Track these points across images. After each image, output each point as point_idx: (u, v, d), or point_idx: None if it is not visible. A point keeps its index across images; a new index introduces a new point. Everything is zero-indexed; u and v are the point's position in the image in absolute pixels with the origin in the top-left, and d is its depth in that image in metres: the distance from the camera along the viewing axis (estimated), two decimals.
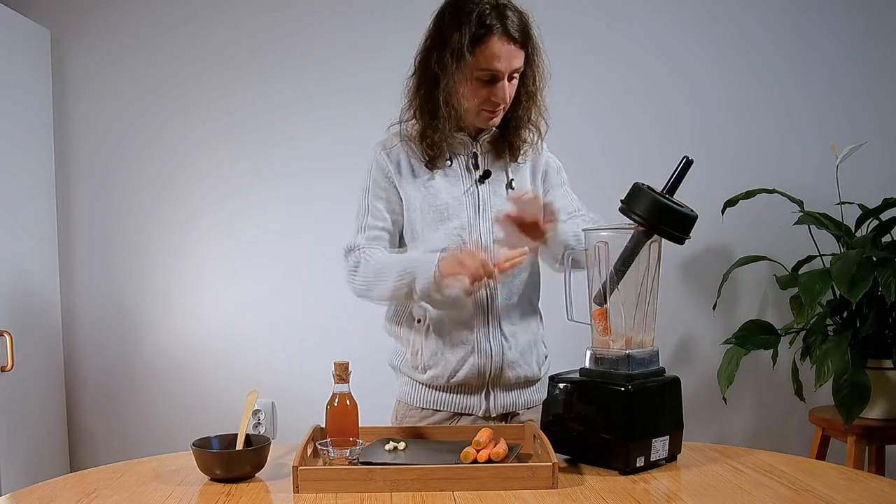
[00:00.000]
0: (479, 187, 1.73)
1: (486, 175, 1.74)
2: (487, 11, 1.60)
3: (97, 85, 2.90)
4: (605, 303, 1.53)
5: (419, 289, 1.63)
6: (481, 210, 1.72)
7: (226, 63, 2.88)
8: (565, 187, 1.85)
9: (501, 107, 1.67)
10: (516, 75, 1.66)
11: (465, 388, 1.74)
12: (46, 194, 2.80)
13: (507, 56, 1.61)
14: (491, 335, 1.72)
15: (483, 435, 1.47)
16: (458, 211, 1.71)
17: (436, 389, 1.76)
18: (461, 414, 1.76)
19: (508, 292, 1.74)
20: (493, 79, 1.63)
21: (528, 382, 1.79)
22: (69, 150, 2.90)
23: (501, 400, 1.76)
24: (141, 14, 2.88)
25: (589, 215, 1.82)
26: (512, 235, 1.63)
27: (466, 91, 1.64)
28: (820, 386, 2.33)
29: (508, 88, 1.65)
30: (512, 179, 1.75)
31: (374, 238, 1.73)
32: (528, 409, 1.80)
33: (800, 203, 2.67)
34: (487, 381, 1.74)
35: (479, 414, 1.75)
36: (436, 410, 1.76)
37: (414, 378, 1.78)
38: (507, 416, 1.79)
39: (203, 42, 2.88)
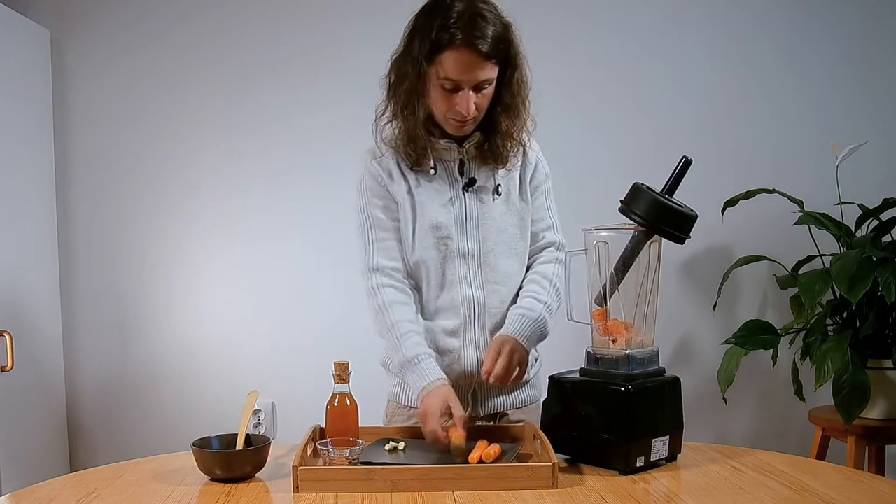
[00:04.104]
0: (465, 195, 1.71)
1: (471, 183, 1.70)
2: (454, 20, 1.54)
3: (97, 85, 2.90)
4: (606, 303, 1.53)
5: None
6: (468, 218, 1.70)
7: (226, 63, 2.88)
8: (548, 198, 1.80)
9: (470, 117, 1.62)
10: (487, 86, 1.61)
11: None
12: (46, 194, 2.80)
13: (471, 67, 1.56)
14: (477, 343, 1.70)
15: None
16: (444, 219, 1.69)
17: None
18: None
19: (497, 300, 1.72)
20: (456, 88, 1.59)
21: (517, 385, 1.77)
22: (69, 150, 2.90)
23: (489, 402, 1.75)
24: (141, 14, 2.88)
25: (557, 255, 1.77)
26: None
27: (434, 98, 1.62)
28: (820, 386, 2.33)
29: (477, 99, 1.60)
30: (499, 185, 1.72)
31: (385, 250, 1.70)
32: (518, 408, 1.79)
33: (800, 203, 2.67)
34: (474, 384, 1.73)
35: (467, 414, 1.74)
36: None
37: (402, 378, 1.77)
38: (495, 417, 1.78)
39: (203, 42, 2.88)
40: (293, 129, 2.89)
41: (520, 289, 1.75)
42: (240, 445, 1.48)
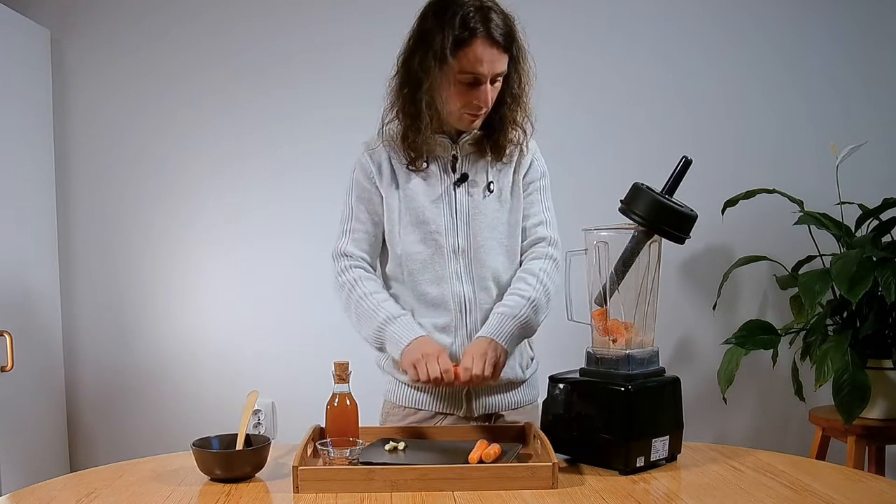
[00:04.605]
0: (456, 190, 1.72)
1: (463, 178, 1.72)
2: (471, 14, 1.58)
3: (97, 85, 2.90)
4: (606, 303, 1.53)
5: (389, 354, 1.73)
6: (458, 213, 1.71)
7: (226, 63, 2.88)
8: (543, 195, 1.80)
9: (483, 110, 1.65)
10: (500, 78, 1.64)
11: (445, 389, 1.73)
12: (46, 194, 2.80)
13: (490, 60, 1.59)
14: (469, 340, 1.70)
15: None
16: (434, 214, 1.70)
17: (417, 389, 1.76)
18: (443, 413, 1.75)
19: (487, 296, 1.72)
20: (476, 82, 1.61)
21: (512, 385, 1.77)
22: (69, 150, 2.90)
23: (483, 402, 1.75)
24: (141, 14, 2.88)
25: (548, 250, 1.76)
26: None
27: (449, 94, 1.63)
28: (820, 386, 2.33)
29: (491, 91, 1.63)
30: (491, 182, 1.73)
31: (357, 241, 1.75)
32: (513, 409, 1.78)
33: (800, 203, 2.67)
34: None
35: (461, 414, 1.74)
36: (417, 409, 1.76)
37: (396, 377, 1.78)
38: (490, 417, 1.77)
39: (203, 42, 2.88)
40: (293, 129, 2.89)
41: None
42: (240, 445, 1.48)
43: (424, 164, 1.71)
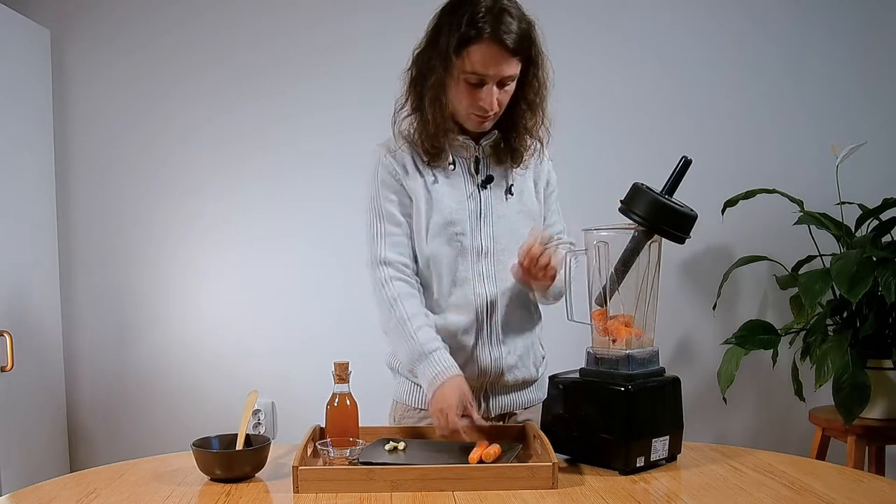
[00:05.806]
0: (482, 192, 1.71)
1: (489, 180, 1.71)
2: (481, 14, 1.56)
3: (97, 85, 2.90)
4: (606, 303, 1.53)
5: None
6: (483, 216, 1.71)
7: (226, 63, 2.88)
8: (558, 204, 1.84)
9: (490, 113, 1.63)
10: (510, 82, 1.62)
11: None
12: (46, 194, 2.80)
13: (496, 62, 1.57)
14: (490, 341, 1.71)
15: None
16: (460, 216, 1.69)
17: None
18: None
19: (508, 298, 1.72)
20: (481, 83, 1.59)
21: (526, 383, 1.78)
22: (69, 150, 2.90)
23: (499, 401, 1.75)
24: (141, 14, 2.88)
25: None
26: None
27: (455, 92, 1.62)
28: (820, 386, 2.33)
29: (499, 95, 1.61)
30: (511, 185, 1.73)
31: (396, 245, 1.69)
32: (526, 408, 1.79)
33: (800, 203, 2.68)
34: (486, 384, 1.73)
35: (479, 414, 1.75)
36: None
37: (412, 380, 1.77)
38: (504, 416, 1.78)
39: (203, 42, 2.88)
40: (293, 129, 2.89)
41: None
42: (240, 445, 1.48)
43: (451, 166, 1.70)
